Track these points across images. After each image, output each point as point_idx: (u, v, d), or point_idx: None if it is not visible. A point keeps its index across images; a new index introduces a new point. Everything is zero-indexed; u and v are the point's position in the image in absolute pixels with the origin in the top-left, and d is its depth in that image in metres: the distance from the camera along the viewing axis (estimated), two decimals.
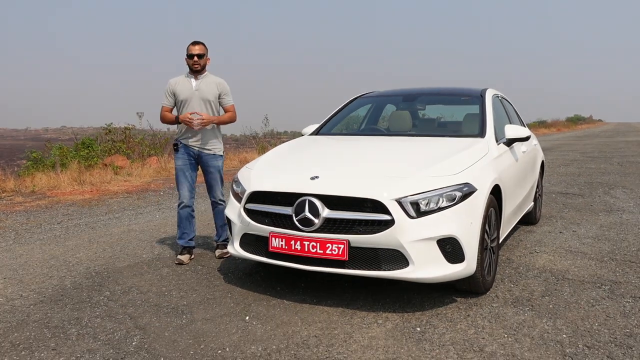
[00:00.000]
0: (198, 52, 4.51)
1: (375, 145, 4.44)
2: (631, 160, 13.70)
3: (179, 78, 4.62)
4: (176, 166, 4.66)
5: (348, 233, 3.26)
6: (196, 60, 4.50)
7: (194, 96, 4.54)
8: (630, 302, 3.55)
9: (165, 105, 4.63)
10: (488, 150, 4.02)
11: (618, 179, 10.01)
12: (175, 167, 4.70)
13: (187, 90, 4.55)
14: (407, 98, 5.42)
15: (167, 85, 4.61)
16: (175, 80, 4.61)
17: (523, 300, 3.59)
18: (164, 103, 4.63)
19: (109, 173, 10.73)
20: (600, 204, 7.27)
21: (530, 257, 4.65)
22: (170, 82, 4.61)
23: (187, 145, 4.61)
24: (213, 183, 4.72)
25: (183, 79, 4.61)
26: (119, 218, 6.71)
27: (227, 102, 4.69)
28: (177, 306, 3.56)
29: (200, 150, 4.62)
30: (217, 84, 4.63)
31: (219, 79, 4.67)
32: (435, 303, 3.54)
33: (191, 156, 4.63)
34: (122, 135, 14.49)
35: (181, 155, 4.63)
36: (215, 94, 4.61)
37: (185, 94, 4.54)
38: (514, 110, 5.88)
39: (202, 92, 4.55)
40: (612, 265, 4.37)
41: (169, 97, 4.60)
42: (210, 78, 4.64)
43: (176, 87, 4.57)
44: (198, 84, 4.57)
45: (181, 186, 4.64)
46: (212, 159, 4.67)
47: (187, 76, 4.61)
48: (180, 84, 4.58)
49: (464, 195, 3.36)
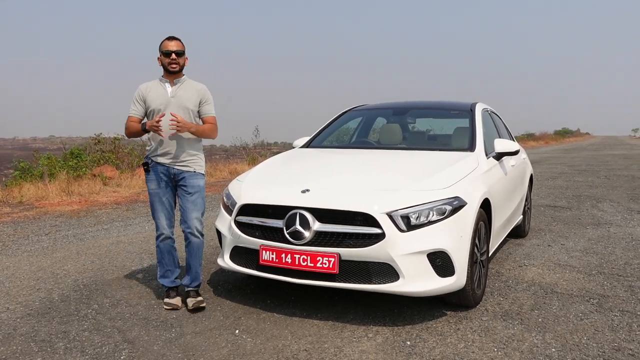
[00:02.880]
0: (175, 48, 3.70)
1: (366, 158, 4.46)
2: (618, 174, 13.85)
3: (150, 83, 3.81)
4: (149, 190, 3.80)
5: (339, 246, 3.26)
6: (174, 59, 3.69)
7: (169, 104, 3.70)
8: (618, 316, 3.58)
9: (131, 115, 3.76)
10: (478, 164, 4.06)
11: (605, 192, 10.11)
12: (148, 191, 3.83)
13: (160, 97, 3.72)
14: (397, 112, 5.46)
15: (137, 91, 3.79)
16: (147, 86, 3.78)
17: (512, 314, 3.60)
18: (131, 112, 3.76)
19: (98, 184, 10.67)
20: (588, 217, 7.34)
21: (520, 270, 4.68)
22: (140, 88, 3.79)
23: (160, 163, 3.74)
24: (190, 208, 3.74)
25: (156, 84, 3.79)
26: (107, 229, 6.66)
27: (208, 112, 3.84)
28: (166, 319, 3.53)
29: (175, 168, 3.74)
30: (198, 90, 3.81)
31: (200, 85, 3.86)
32: (426, 316, 3.55)
33: (166, 176, 3.76)
34: (111, 146, 14.42)
35: (153, 176, 3.77)
36: (196, 102, 3.78)
37: (158, 102, 3.71)
38: (503, 124, 5.94)
39: (179, 99, 3.73)
40: (600, 279, 4.40)
41: (137, 105, 3.76)
42: (190, 83, 3.82)
43: (147, 93, 3.75)
44: (175, 90, 3.74)
45: (157, 214, 3.79)
46: (191, 177, 3.76)
47: (161, 81, 3.78)
48: (153, 90, 3.75)
49: (454, 209, 3.38)
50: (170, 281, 3.87)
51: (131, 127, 3.78)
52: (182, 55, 3.74)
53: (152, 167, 3.78)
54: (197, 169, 3.81)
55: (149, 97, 3.75)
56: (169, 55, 3.70)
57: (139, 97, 3.77)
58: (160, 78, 3.81)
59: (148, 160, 3.80)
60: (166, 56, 3.71)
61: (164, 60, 3.72)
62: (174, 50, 3.69)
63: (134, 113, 3.77)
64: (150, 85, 3.79)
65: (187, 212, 3.74)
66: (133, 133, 3.79)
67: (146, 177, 3.83)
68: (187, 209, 3.74)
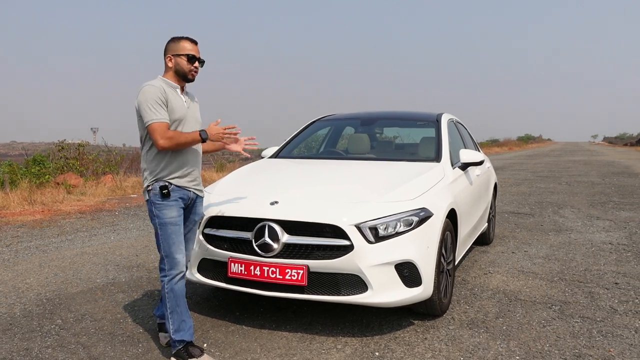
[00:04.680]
0: (199, 56, 3.15)
1: (334, 169, 4.49)
2: (578, 180, 14.27)
3: (162, 84, 3.06)
4: (165, 220, 3.05)
5: (307, 258, 3.28)
6: (197, 67, 3.13)
7: (187, 116, 3.13)
8: (578, 322, 3.69)
9: (164, 121, 2.98)
10: (444, 175, 4.13)
11: (566, 198, 10.41)
12: (161, 222, 3.05)
13: (181, 106, 3.10)
14: (365, 122, 5.52)
15: (157, 92, 2.99)
16: (163, 88, 3.04)
17: (478, 322, 3.68)
18: (162, 117, 2.97)
19: (62, 192, 10.42)
20: (550, 224, 7.54)
21: (485, 278, 4.78)
22: (158, 88, 3.01)
23: (180, 186, 3.11)
24: (192, 239, 3.35)
25: (169, 88, 3.08)
26: (71, 240, 6.52)
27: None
28: (133, 334, 3.48)
29: (194, 191, 3.21)
30: (197, 102, 3.34)
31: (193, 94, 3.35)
32: (394, 326, 3.59)
33: (184, 202, 3.15)
34: (75, 152, 14.11)
35: (174, 201, 3.07)
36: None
37: (180, 112, 3.08)
38: (468, 134, 6.07)
39: (193, 111, 3.21)
40: (561, 285, 4.53)
41: (164, 109, 3.00)
42: (189, 92, 3.29)
43: (169, 97, 3.05)
44: (187, 100, 3.18)
45: (176, 249, 3.07)
46: (200, 202, 3.31)
47: (171, 86, 3.10)
48: (173, 96, 3.08)
49: (421, 220, 3.44)
50: (189, 334, 3.10)
51: (181, 137, 3.01)
52: (203, 65, 3.20)
53: (174, 191, 3.08)
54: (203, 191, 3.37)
55: (170, 104, 3.05)
56: (193, 62, 3.11)
57: (163, 100, 3.01)
58: (166, 81, 3.10)
59: (167, 183, 3.06)
60: (191, 62, 3.09)
61: (186, 66, 3.08)
62: (199, 58, 3.14)
63: (166, 118, 3.00)
64: (164, 88, 3.06)
65: (188, 243, 3.28)
66: (183, 143, 3.03)
67: (160, 204, 3.04)
68: (190, 240, 3.29)
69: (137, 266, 5.18)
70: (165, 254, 3.07)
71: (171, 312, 3.07)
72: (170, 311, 3.07)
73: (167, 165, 3.07)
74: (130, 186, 11.90)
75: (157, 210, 3.05)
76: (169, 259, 3.06)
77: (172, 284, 3.06)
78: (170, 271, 3.07)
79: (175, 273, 3.07)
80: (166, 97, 3.02)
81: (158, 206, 3.05)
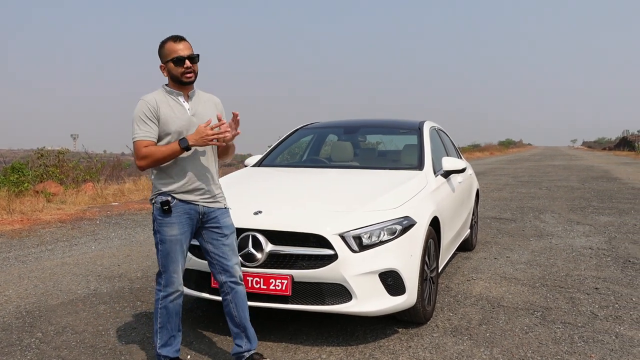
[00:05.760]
0: (188, 52, 2.85)
1: (318, 178, 4.49)
2: (558, 185, 14.47)
3: (158, 96, 2.89)
4: (165, 237, 2.88)
5: (292, 268, 3.27)
6: (188, 67, 2.85)
7: (191, 125, 2.88)
8: (560, 328, 3.74)
9: (144, 139, 2.80)
10: (427, 183, 4.17)
11: (547, 203, 10.54)
12: (161, 238, 2.89)
13: (180, 115, 2.88)
14: (348, 130, 5.55)
15: (144, 106, 2.83)
16: (156, 100, 2.86)
17: (462, 330, 3.70)
18: (143, 135, 2.80)
19: (41, 200, 10.25)
20: (531, 229, 7.63)
21: (468, 284, 4.81)
22: (148, 102, 2.84)
23: (185, 200, 2.90)
24: (229, 253, 3.01)
25: (167, 98, 2.90)
26: (51, 250, 6.42)
27: None
28: (115, 347, 3.44)
29: (206, 205, 2.96)
30: (215, 104, 3.08)
31: (213, 96, 3.13)
32: (378, 335, 3.60)
33: (190, 217, 2.92)
34: (55, 159, 13.92)
35: (177, 217, 2.88)
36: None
37: (179, 123, 2.86)
38: (450, 141, 6.13)
39: (201, 118, 2.92)
40: (543, 291, 4.59)
41: (151, 124, 2.82)
42: (203, 95, 3.05)
43: (161, 109, 2.84)
44: (193, 106, 2.94)
45: (173, 267, 2.92)
46: (223, 215, 3.02)
47: (171, 94, 2.91)
48: (168, 106, 2.87)
49: (404, 228, 3.46)
50: (175, 350, 3.02)
51: (157, 153, 2.78)
52: (197, 60, 2.91)
53: (175, 206, 2.88)
54: (226, 204, 3.10)
55: (164, 116, 2.84)
56: (182, 63, 2.83)
57: (151, 114, 2.82)
58: (167, 89, 2.92)
59: (168, 197, 2.87)
60: (178, 64, 2.83)
61: (175, 70, 2.85)
62: (187, 56, 2.84)
63: (148, 136, 2.80)
64: (160, 99, 2.87)
65: (226, 259, 2.99)
66: (162, 159, 2.80)
67: (161, 221, 2.88)
68: (226, 255, 2.99)
69: (119, 276, 5.12)
70: (162, 270, 2.93)
71: (161, 327, 2.96)
72: (160, 326, 2.96)
73: (171, 178, 2.88)
74: (111, 194, 11.77)
75: (158, 226, 2.90)
76: (166, 275, 2.92)
77: (166, 301, 2.93)
78: (167, 288, 2.93)
79: (170, 291, 2.93)
80: (157, 110, 2.83)
81: (159, 222, 2.89)
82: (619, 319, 3.93)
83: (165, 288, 2.93)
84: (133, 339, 3.56)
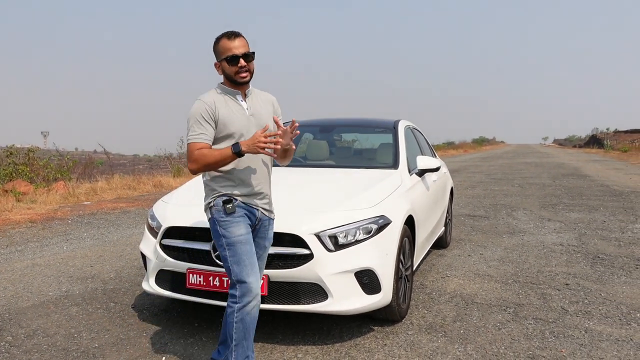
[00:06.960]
0: (243, 50, 2.71)
1: (293, 177, 4.48)
2: (530, 182, 14.73)
3: (215, 96, 2.75)
4: (234, 239, 2.69)
5: (268, 268, 3.26)
6: (243, 66, 2.71)
7: (250, 125, 2.76)
8: (532, 324, 3.81)
9: (201, 141, 2.66)
10: (401, 182, 4.20)
11: (519, 200, 10.72)
12: (229, 241, 2.69)
13: (240, 116, 2.75)
14: (324, 129, 5.55)
15: (202, 107, 2.69)
16: (214, 101, 2.73)
17: (436, 327, 3.75)
18: (198, 137, 2.66)
19: (10, 200, 10.01)
20: (504, 226, 7.75)
21: (442, 281, 4.87)
22: (205, 102, 2.70)
23: (250, 204, 2.79)
24: (262, 267, 2.98)
25: (225, 98, 2.76)
26: (21, 251, 6.28)
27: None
28: (88, 349, 3.38)
29: (265, 213, 2.88)
30: (272, 102, 2.95)
31: (270, 95, 2.98)
32: (354, 333, 3.61)
33: (253, 223, 2.82)
34: (25, 158, 13.61)
35: (241, 217, 2.74)
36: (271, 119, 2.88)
37: (239, 124, 2.73)
38: (425, 140, 6.18)
39: (259, 118, 2.81)
40: (515, 288, 4.67)
41: (208, 126, 2.68)
42: (259, 94, 2.91)
43: (219, 110, 2.71)
44: (251, 106, 2.82)
45: (249, 271, 2.68)
46: (271, 225, 2.97)
47: (227, 93, 2.78)
48: (226, 107, 2.73)
49: (380, 227, 3.48)
50: None
51: (209, 156, 2.62)
52: (252, 58, 2.75)
53: (239, 207, 2.74)
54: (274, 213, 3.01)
55: (223, 117, 2.70)
56: (235, 62, 2.69)
57: (208, 115, 2.68)
58: (223, 88, 2.79)
59: (231, 198, 2.73)
60: (232, 64, 2.70)
61: (229, 70, 2.71)
62: (241, 55, 2.70)
63: (204, 138, 2.67)
64: (218, 100, 2.74)
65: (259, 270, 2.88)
66: (213, 163, 2.64)
67: (225, 221, 2.70)
68: (260, 269, 2.89)
69: (91, 277, 5.04)
70: (236, 279, 2.66)
71: (236, 345, 2.67)
72: (235, 344, 2.67)
73: (231, 181, 2.74)
74: (83, 193, 11.56)
75: (223, 229, 2.69)
76: (241, 284, 2.65)
77: (243, 313, 2.65)
78: (243, 298, 2.64)
79: (248, 300, 2.65)
80: (214, 111, 2.69)
81: (223, 224, 2.69)
82: (588, 314, 4.02)
83: (241, 298, 2.65)
84: (106, 340, 3.51)
